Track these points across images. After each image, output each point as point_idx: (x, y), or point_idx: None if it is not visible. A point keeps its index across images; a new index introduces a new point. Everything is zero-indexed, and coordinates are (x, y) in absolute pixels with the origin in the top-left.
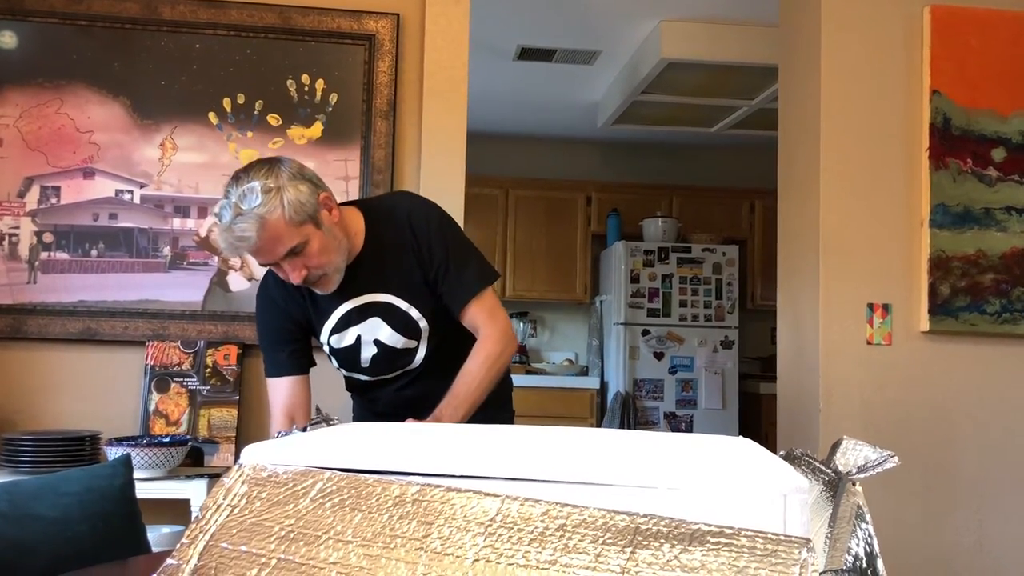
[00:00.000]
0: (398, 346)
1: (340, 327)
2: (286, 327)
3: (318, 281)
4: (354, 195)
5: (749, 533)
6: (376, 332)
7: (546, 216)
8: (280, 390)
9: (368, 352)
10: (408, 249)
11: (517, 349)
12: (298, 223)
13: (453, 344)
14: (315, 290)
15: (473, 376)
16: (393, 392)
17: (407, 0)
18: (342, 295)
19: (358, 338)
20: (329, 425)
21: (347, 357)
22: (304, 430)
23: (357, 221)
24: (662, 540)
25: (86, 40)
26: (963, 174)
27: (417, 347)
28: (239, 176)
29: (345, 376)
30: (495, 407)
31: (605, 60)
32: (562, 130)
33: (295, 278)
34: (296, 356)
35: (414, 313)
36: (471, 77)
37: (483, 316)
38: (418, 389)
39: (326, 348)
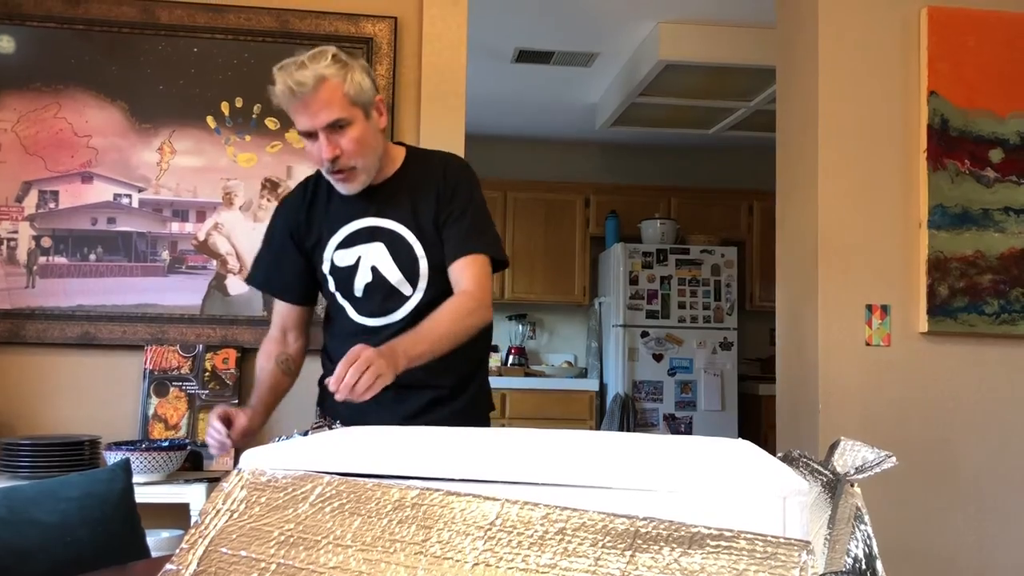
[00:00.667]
0: (392, 280)
1: (347, 243)
2: (284, 244)
3: (346, 173)
4: None
5: (748, 536)
6: (376, 258)
7: (545, 218)
8: (279, 308)
9: (363, 278)
10: (434, 188)
11: (488, 322)
12: (351, 101)
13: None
14: (338, 184)
15: (440, 321)
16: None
17: (405, 3)
18: (357, 211)
19: (358, 259)
20: (331, 429)
21: (345, 280)
22: (305, 434)
23: (398, 152)
24: (662, 543)
25: (84, 44)
26: (961, 175)
27: (410, 296)
28: (317, 48)
29: (332, 330)
30: (470, 415)
31: (603, 62)
32: (560, 132)
33: (328, 151)
34: (298, 282)
35: (418, 250)
36: (469, 80)
37: (470, 275)
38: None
39: (327, 267)
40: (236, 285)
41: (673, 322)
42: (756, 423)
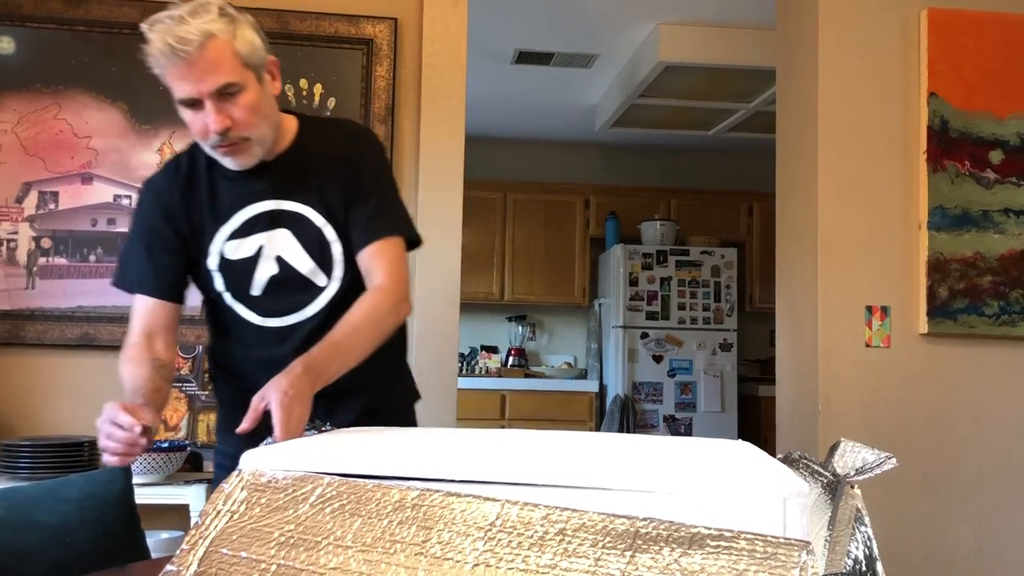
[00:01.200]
0: (303, 271)
1: (242, 232)
2: (159, 231)
3: (237, 146)
4: None
5: (749, 536)
6: (282, 247)
7: (544, 219)
8: (142, 306)
9: (266, 271)
10: (339, 162)
11: (407, 313)
12: (244, 63)
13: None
14: (227, 159)
15: (356, 328)
16: (272, 355)
17: (405, 4)
18: (251, 193)
19: (259, 249)
20: (320, 432)
21: (239, 275)
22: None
23: (290, 122)
24: (662, 544)
25: (84, 45)
26: (961, 176)
27: (325, 286)
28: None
29: (219, 328)
30: (398, 414)
31: (603, 63)
32: (560, 133)
33: (218, 122)
34: (172, 275)
35: (329, 233)
36: (469, 81)
37: (384, 265)
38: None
39: (214, 262)
40: None
41: (673, 323)
42: (756, 424)
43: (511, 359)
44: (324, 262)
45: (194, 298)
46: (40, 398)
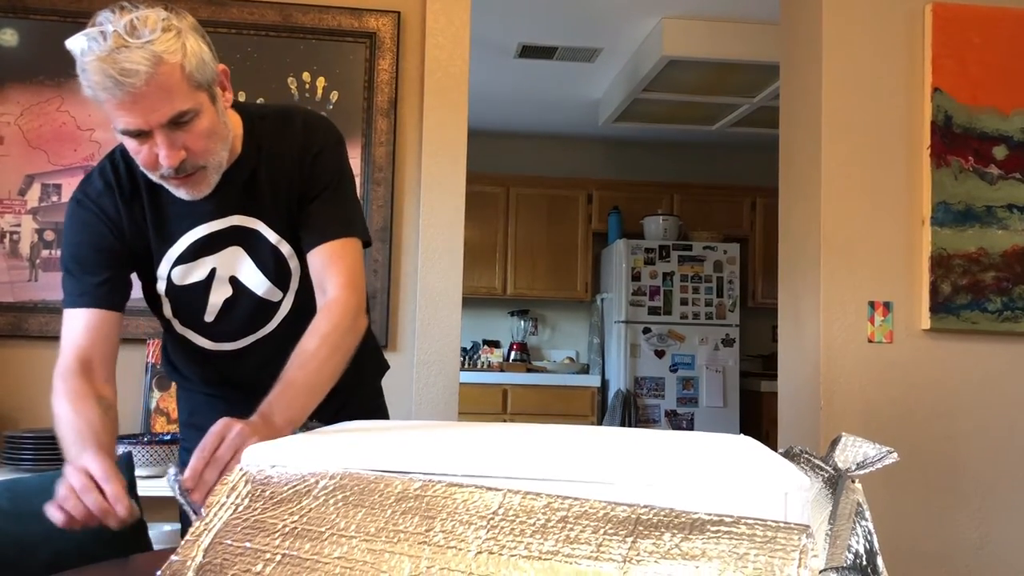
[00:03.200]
0: (259, 292)
1: (189, 256)
2: (110, 249)
3: (192, 176)
4: None
5: (749, 521)
6: (235, 267)
7: (547, 214)
8: (80, 324)
9: (220, 295)
10: (294, 165)
11: (365, 326)
12: (195, 85)
13: (306, 325)
14: (180, 191)
15: (312, 356)
16: (236, 372)
17: None
18: (198, 212)
19: (211, 272)
20: (307, 429)
21: (190, 301)
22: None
23: (235, 123)
24: (663, 529)
25: None
26: (964, 172)
27: (280, 301)
28: (123, 6)
29: (169, 349)
30: (368, 393)
31: (606, 58)
32: (563, 128)
33: (170, 159)
34: (112, 286)
35: (285, 249)
36: (472, 75)
37: (339, 269)
38: (272, 368)
39: (161, 287)
40: None
41: (675, 318)
42: (758, 420)
43: (513, 353)
44: (281, 278)
45: None
46: (43, 390)
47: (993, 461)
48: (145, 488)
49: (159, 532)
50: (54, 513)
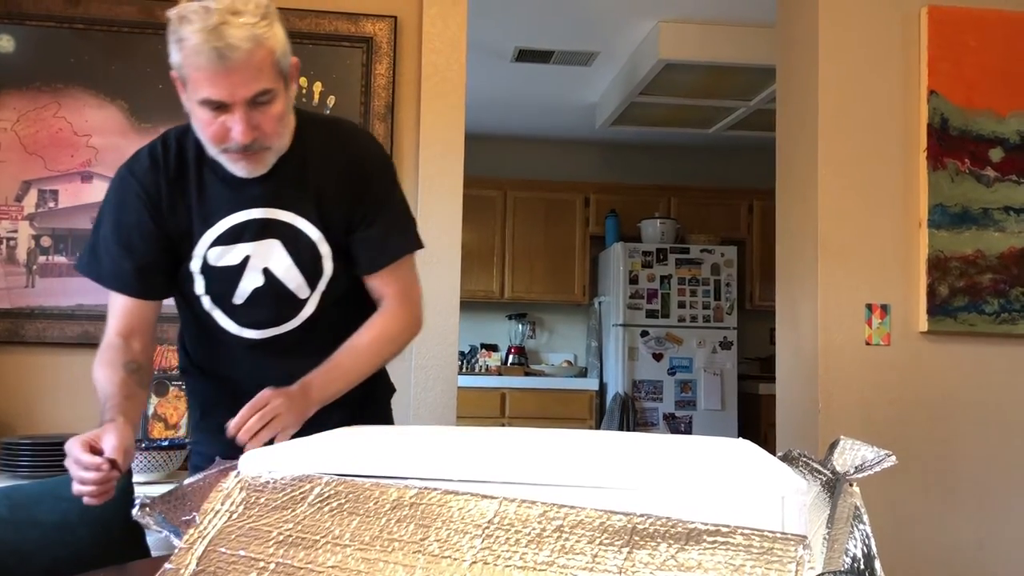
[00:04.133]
0: (291, 286)
1: (227, 239)
2: (147, 231)
3: (256, 155)
4: None
5: (745, 531)
6: (270, 258)
7: (544, 217)
8: (119, 307)
9: (251, 282)
10: (344, 176)
11: (417, 331)
12: (278, 70)
13: (348, 311)
14: (238, 165)
15: (360, 352)
16: (252, 364)
17: (405, 2)
18: (242, 199)
19: (245, 259)
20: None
21: (221, 284)
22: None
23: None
24: (659, 540)
25: (84, 44)
26: (961, 174)
27: (307, 299)
28: None
29: (196, 325)
30: (377, 413)
31: (603, 61)
32: (560, 131)
33: (244, 136)
34: (148, 271)
35: (323, 249)
36: (469, 79)
37: (395, 290)
38: (288, 366)
39: (196, 265)
40: None
41: (673, 321)
42: (756, 422)
43: (511, 357)
44: (313, 277)
45: None
46: (40, 396)
47: (991, 463)
48: (143, 493)
49: (156, 539)
50: (85, 500)
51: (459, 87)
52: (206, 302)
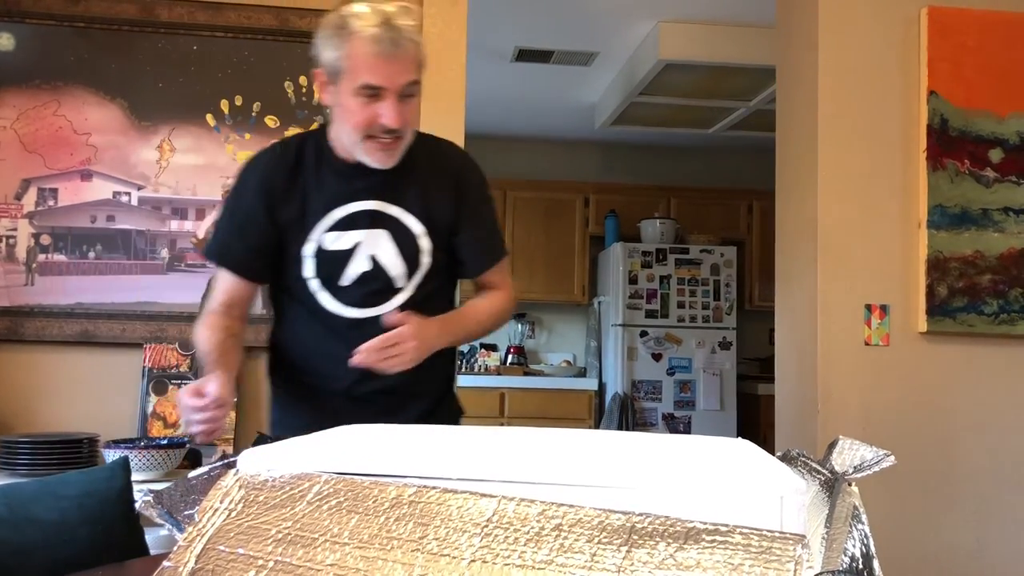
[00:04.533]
0: (392, 272)
1: (342, 226)
2: (263, 221)
3: (393, 143)
4: None
5: (744, 530)
6: (377, 247)
7: (544, 217)
8: (226, 284)
9: (359, 266)
10: (449, 186)
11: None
12: (420, 71)
13: (436, 305)
14: (377, 154)
15: (479, 313)
16: (348, 344)
17: (404, 2)
18: (357, 191)
19: (356, 246)
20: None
21: (331, 266)
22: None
23: None
24: (657, 539)
25: (83, 42)
26: (960, 175)
27: (401, 289)
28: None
29: (290, 324)
30: (443, 410)
31: (603, 61)
32: (560, 131)
33: (395, 120)
34: (256, 254)
35: (424, 244)
36: (469, 79)
37: (499, 279)
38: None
39: (310, 248)
40: None
41: (672, 321)
42: (755, 423)
43: (510, 357)
44: (412, 268)
45: (196, 294)
46: (39, 395)
47: (990, 464)
48: (142, 493)
49: (155, 537)
50: (198, 439)
51: (459, 87)
52: (313, 284)
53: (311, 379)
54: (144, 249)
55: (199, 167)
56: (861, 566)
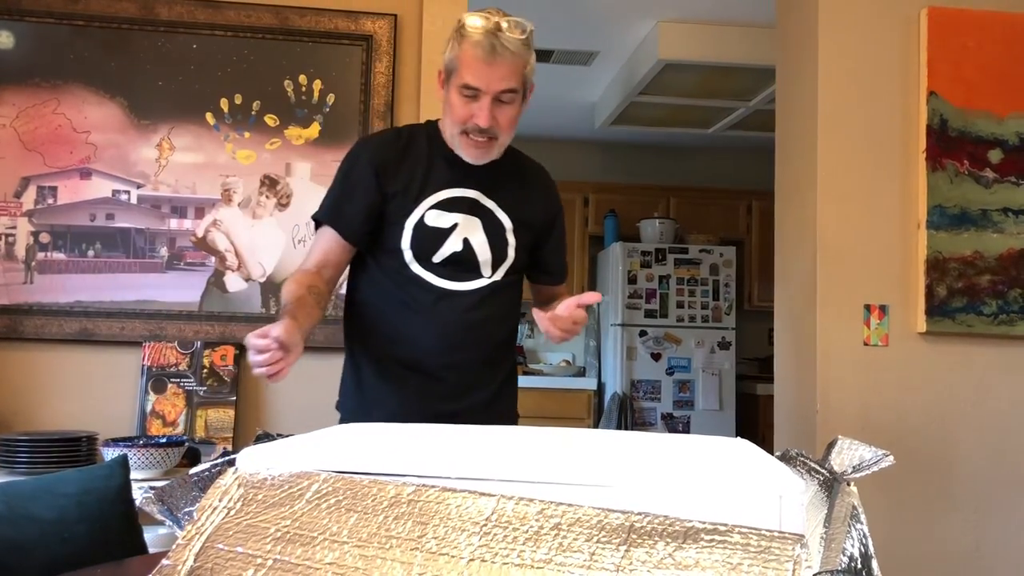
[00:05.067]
0: (481, 258)
1: (447, 207)
2: (369, 186)
3: (488, 142)
4: None
5: (743, 530)
6: (472, 231)
7: None
8: (326, 243)
9: (452, 246)
10: (540, 199)
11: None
12: (523, 81)
13: (512, 294)
14: (470, 150)
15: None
16: (436, 312)
17: (405, 1)
18: (459, 179)
19: (454, 226)
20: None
21: (429, 241)
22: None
23: None
24: (656, 538)
25: (83, 40)
26: (960, 176)
27: (485, 277)
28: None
29: (380, 296)
30: (508, 417)
31: (602, 61)
32: (559, 131)
33: (487, 119)
34: (362, 218)
35: (511, 239)
36: None
37: (564, 291)
38: (465, 319)
39: (412, 221)
40: (234, 282)
41: (671, 321)
42: (754, 423)
43: None
44: (497, 259)
45: (195, 293)
46: (38, 393)
47: (989, 464)
48: (141, 491)
49: (154, 535)
50: (259, 372)
51: None
52: (407, 255)
53: (392, 348)
54: (143, 247)
55: (198, 165)
56: (860, 566)
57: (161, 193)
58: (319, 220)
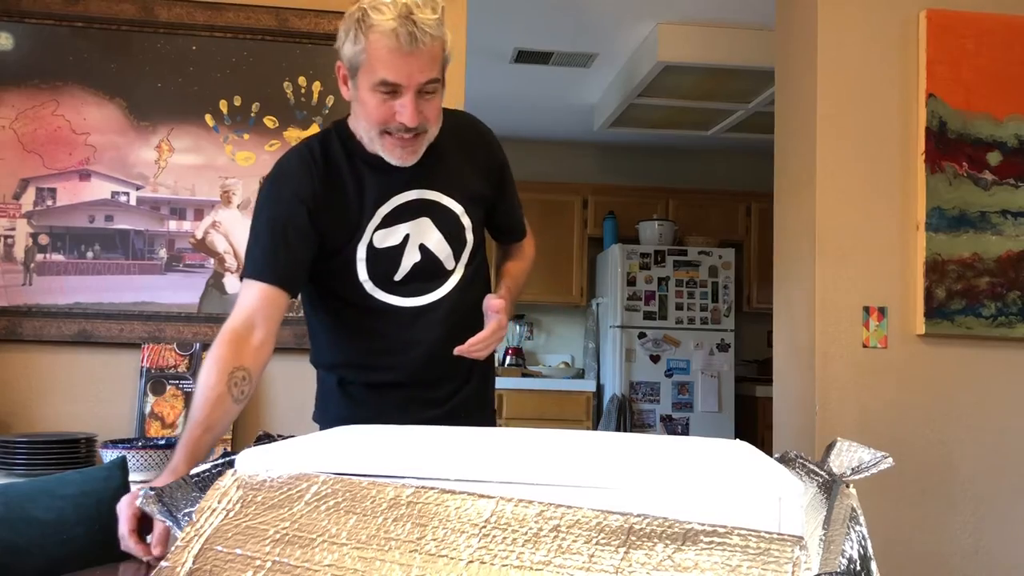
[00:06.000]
0: (441, 257)
1: (390, 221)
2: (298, 226)
3: (414, 140)
4: None
5: (742, 532)
6: (425, 235)
7: (542, 219)
8: (254, 294)
9: (411, 258)
10: (481, 161)
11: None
12: (443, 66)
13: (481, 271)
14: (396, 152)
15: (521, 274)
16: (417, 332)
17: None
18: (395, 183)
19: (406, 238)
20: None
21: (385, 263)
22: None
23: None
24: (655, 540)
25: (82, 42)
26: (959, 178)
27: (452, 270)
28: None
29: (349, 332)
30: (485, 412)
31: (602, 63)
32: (559, 133)
33: (413, 118)
34: (293, 266)
35: (466, 222)
36: (468, 80)
37: (529, 244)
38: (448, 327)
39: (362, 251)
40: (233, 283)
41: (670, 323)
42: (753, 425)
43: (508, 358)
44: (458, 248)
45: (194, 295)
46: (37, 394)
47: (988, 466)
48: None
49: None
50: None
51: (458, 88)
52: (368, 286)
53: (374, 374)
54: (142, 249)
55: (198, 167)
56: (859, 568)
57: (160, 195)
58: (254, 279)
